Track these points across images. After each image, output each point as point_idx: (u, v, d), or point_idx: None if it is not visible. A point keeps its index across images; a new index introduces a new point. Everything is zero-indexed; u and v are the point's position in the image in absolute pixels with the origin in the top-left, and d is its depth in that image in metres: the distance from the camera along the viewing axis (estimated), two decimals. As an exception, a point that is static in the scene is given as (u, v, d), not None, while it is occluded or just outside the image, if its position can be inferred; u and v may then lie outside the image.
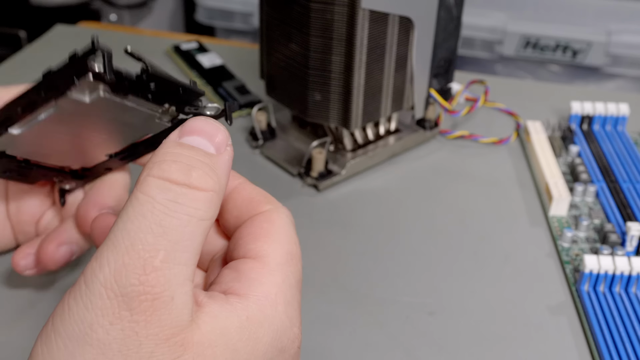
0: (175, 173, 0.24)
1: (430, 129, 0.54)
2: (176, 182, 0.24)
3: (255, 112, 0.52)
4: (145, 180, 0.24)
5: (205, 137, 0.26)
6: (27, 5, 1.13)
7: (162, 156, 0.25)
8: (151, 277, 0.23)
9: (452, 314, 0.39)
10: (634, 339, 0.37)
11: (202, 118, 0.27)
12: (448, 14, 0.48)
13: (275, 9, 0.46)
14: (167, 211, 0.24)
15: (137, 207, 0.24)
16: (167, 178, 0.24)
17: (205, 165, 0.25)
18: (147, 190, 0.24)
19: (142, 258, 0.23)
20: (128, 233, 0.23)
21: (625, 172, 0.50)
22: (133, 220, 0.24)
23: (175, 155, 0.25)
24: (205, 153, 0.26)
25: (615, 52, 1.07)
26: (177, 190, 0.24)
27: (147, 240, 0.23)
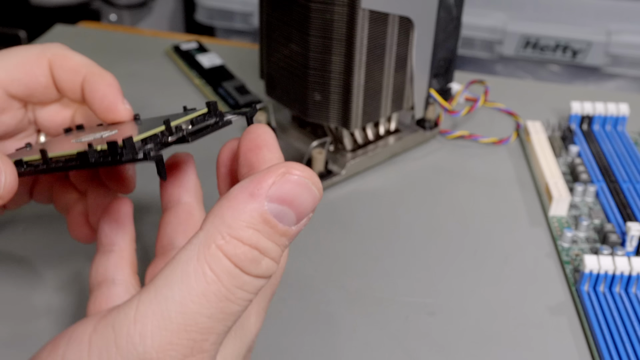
0: (249, 264, 0.22)
1: (430, 129, 0.54)
2: (247, 272, 0.23)
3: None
4: (215, 255, 0.22)
5: (295, 211, 0.23)
6: (27, 5, 1.13)
7: (239, 227, 0.22)
8: (197, 358, 0.22)
9: (452, 314, 0.39)
10: (634, 339, 0.37)
11: (300, 178, 0.23)
12: (448, 14, 0.48)
13: (275, 9, 0.46)
14: (232, 298, 0.22)
15: (201, 285, 0.22)
16: (238, 265, 0.22)
17: (278, 250, 0.23)
18: (218, 269, 0.22)
19: (192, 340, 0.22)
20: (184, 310, 0.22)
21: (625, 172, 0.50)
22: (194, 297, 0.22)
23: (256, 238, 0.22)
24: (284, 233, 0.23)
25: (615, 52, 1.07)
26: (244, 279, 0.22)
27: (204, 326, 0.22)
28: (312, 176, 0.23)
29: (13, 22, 1.11)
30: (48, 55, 0.34)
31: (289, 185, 0.23)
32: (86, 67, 0.34)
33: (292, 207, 0.23)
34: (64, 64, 0.34)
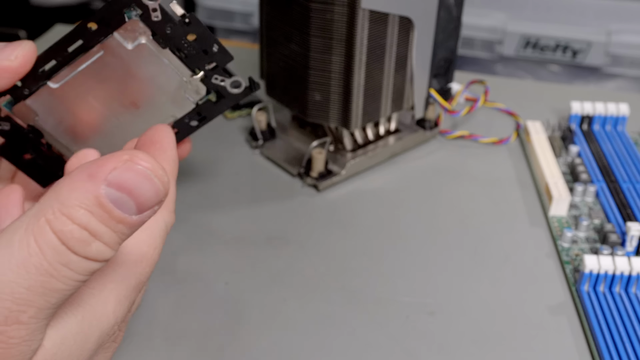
0: (77, 243, 0.22)
1: (430, 129, 0.54)
2: (73, 251, 0.22)
3: (255, 112, 0.52)
4: (42, 229, 0.22)
5: (134, 201, 0.23)
6: (27, 5, 1.13)
7: (70, 207, 0.22)
8: (11, 328, 0.22)
9: (452, 314, 0.39)
10: (634, 339, 0.37)
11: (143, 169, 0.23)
12: (448, 14, 0.48)
13: (275, 9, 0.46)
14: (54, 274, 0.22)
15: (22, 256, 0.22)
16: (65, 243, 0.22)
17: (114, 237, 0.23)
18: (42, 241, 0.22)
19: (7, 309, 0.21)
20: (1, 281, 0.21)
21: (625, 172, 0.50)
22: (14, 268, 0.21)
23: (86, 219, 0.22)
24: (121, 220, 0.23)
25: (615, 52, 1.07)
26: (72, 258, 0.22)
27: (22, 297, 0.21)
28: (157, 169, 0.23)
29: (13, 22, 1.11)
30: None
31: (129, 173, 0.22)
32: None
33: (131, 196, 0.22)
34: None
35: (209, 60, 0.34)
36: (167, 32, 0.32)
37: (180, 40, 0.32)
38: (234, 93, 0.35)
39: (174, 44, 0.33)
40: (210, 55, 0.33)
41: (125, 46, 0.32)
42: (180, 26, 0.32)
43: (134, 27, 0.32)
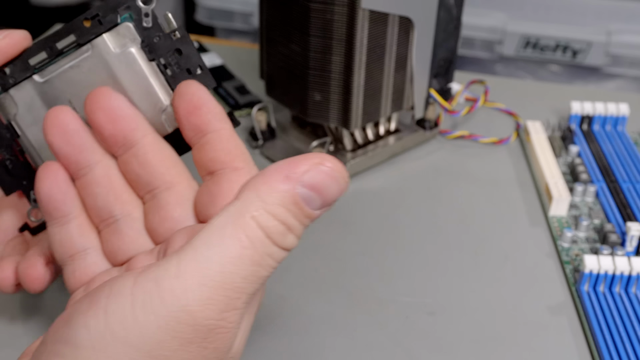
0: (278, 236, 0.25)
1: (430, 129, 0.54)
2: (275, 243, 0.25)
3: (255, 112, 0.52)
4: (249, 224, 0.25)
5: (322, 199, 0.26)
6: (27, 5, 1.13)
7: (272, 203, 0.25)
8: (230, 314, 0.25)
9: (452, 314, 0.39)
10: (634, 339, 0.37)
11: (331, 171, 0.26)
12: (448, 14, 0.48)
13: (275, 9, 0.46)
14: (262, 263, 0.25)
15: (236, 249, 0.25)
16: (269, 237, 0.25)
17: (302, 228, 0.26)
18: (252, 236, 0.25)
19: (228, 297, 0.24)
20: (222, 270, 0.24)
21: (625, 172, 0.50)
22: (231, 259, 0.24)
23: (286, 215, 0.25)
24: (308, 215, 0.26)
25: (615, 52, 1.07)
26: (273, 248, 0.25)
27: (239, 285, 0.25)
28: (342, 170, 0.26)
29: (13, 22, 1.11)
30: None
31: (321, 175, 0.25)
32: None
33: (320, 194, 0.26)
34: None
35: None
36: (155, 42, 0.32)
37: (167, 53, 0.32)
38: None
39: (159, 55, 0.32)
40: (194, 76, 0.32)
41: (113, 50, 0.32)
42: (169, 39, 0.31)
43: (125, 32, 0.32)
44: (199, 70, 0.32)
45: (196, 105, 0.29)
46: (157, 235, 0.29)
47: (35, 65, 0.33)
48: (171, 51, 0.32)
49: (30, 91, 0.33)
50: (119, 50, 0.32)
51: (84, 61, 0.32)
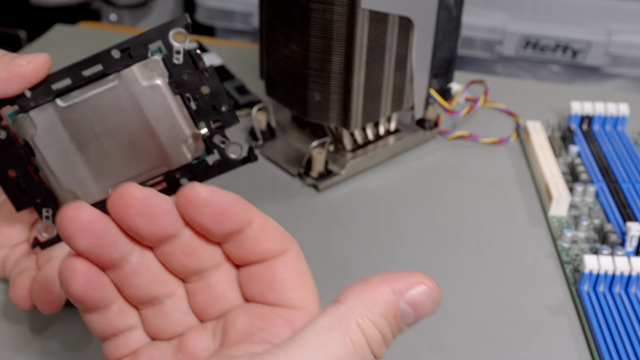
0: (376, 345, 0.26)
1: (430, 129, 0.54)
2: (372, 351, 0.26)
3: (255, 112, 0.52)
4: (355, 330, 0.26)
5: (416, 316, 0.27)
6: (27, 5, 1.13)
7: (377, 313, 0.26)
8: None
9: (452, 314, 0.39)
10: (634, 339, 0.37)
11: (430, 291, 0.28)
12: (448, 14, 0.48)
13: (275, 9, 0.46)
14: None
15: (342, 351, 0.25)
16: (369, 344, 0.26)
17: (392, 340, 0.27)
18: (356, 341, 0.26)
19: None
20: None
21: (625, 172, 0.50)
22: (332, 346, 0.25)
23: (385, 327, 0.27)
24: (400, 329, 0.27)
25: (615, 52, 1.07)
26: (369, 356, 0.26)
27: None
28: (439, 291, 0.28)
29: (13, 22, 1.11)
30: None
31: (422, 295, 0.27)
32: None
33: (416, 311, 0.27)
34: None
35: (215, 117, 0.33)
36: (184, 78, 0.32)
37: (194, 90, 0.33)
38: (231, 158, 0.35)
39: (186, 91, 0.33)
40: (218, 113, 0.33)
41: (140, 82, 0.33)
42: (198, 76, 0.32)
43: (154, 66, 0.32)
44: (224, 107, 0.33)
45: (221, 211, 0.27)
46: (205, 314, 0.29)
47: (57, 90, 0.33)
48: (198, 88, 0.33)
49: (51, 114, 0.33)
50: (146, 82, 0.33)
51: (110, 90, 0.33)
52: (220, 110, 0.33)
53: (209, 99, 0.33)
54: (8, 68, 0.32)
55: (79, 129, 0.34)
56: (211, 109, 0.33)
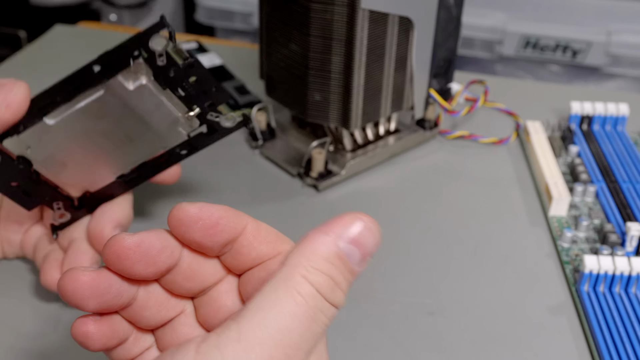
0: (327, 290, 0.26)
1: (430, 129, 0.54)
2: (325, 297, 0.26)
3: (255, 112, 0.52)
4: (300, 282, 0.26)
5: (361, 252, 0.27)
6: (27, 5, 1.13)
7: (318, 262, 0.26)
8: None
9: (452, 314, 0.39)
10: (634, 339, 0.37)
11: (366, 223, 0.28)
12: (448, 14, 0.48)
13: (275, 9, 0.46)
14: (315, 318, 0.26)
15: (291, 306, 0.25)
16: (319, 291, 0.26)
17: (347, 284, 0.27)
18: (303, 292, 0.26)
19: (287, 355, 0.25)
20: (279, 328, 0.25)
21: (625, 172, 0.50)
22: (287, 316, 0.25)
23: (331, 269, 0.26)
24: (351, 271, 0.27)
25: (615, 52, 1.07)
26: (324, 304, 0.26)
27: (296, 342, 0.25)
28: (376, 223, 0.28)
29: (13, 22, 1.11)
30: None
31: (358, 228, 0.27)
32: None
33: (359, 247, 0.27)
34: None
35: (206, 99, 0.34)
36: (170, 76, 0.33)
37: (182, 82, 0.33)
38: (226, 126, 0.35)
39: (175, 85, 0.33)
40: (209, 95, 0.34)
41: (127, 87, 0.33)
42: (184, 69, 0.32)
43: (137, 69, 0.33)
44: (214, 89, 0.33)
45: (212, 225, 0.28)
46: (210, 325, 0.29)
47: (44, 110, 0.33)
48: (186, 79, 0.33)
49: (42, 131, 0.34)
50: (133, 85, 0.33)
51: (97, 99, 0.33)
52: (211, 92, 0.33)
53: (198, 86, 0.33)
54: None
55: (73, 137, 0.34)
56: (201, 93, 0.33)
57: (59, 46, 0.66)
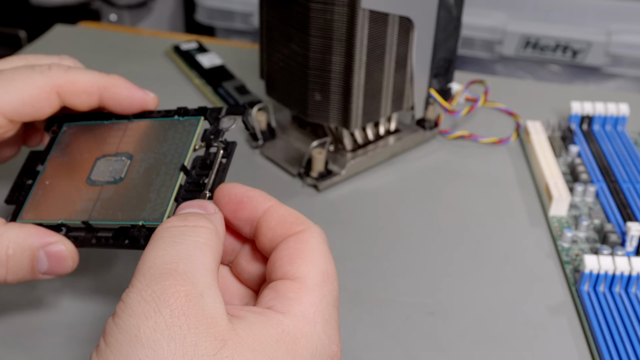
0: (175, 221, 0.29)
1: (430, 129, 0.54)
2: (177, 226, 0.29)
3: (255, 112, 0.52)
4: (155, 232, 0.29)
5: (194, 207, 0.31)
6: (27, 5, 1.13)
7: (165, 221, 0.29)
8: (178, 279, 0.26)
9: (452, 314, 0.39)
10: (634, 339, 0.37)
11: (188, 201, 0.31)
12: (448, 14, 0.48)
13: (275, 9, 0.46)
14: (175, 239, 0.28)
15: (151, 243, 0.28)
16: (170, 225, 0.29)
17: (196, 214, 0.29)
18: (156, 234, 0.28)
19: (166, 268, 0.26)
20: (146, 257, 0.27)
21: (625, 172, 0.50)
22: (150, 249, 0.28)
23: (174, 216, 0.30)
24: (197, 212, 0.30)
25: (615, 52, 1.07)
26: (179, 229, 0.28)
27: (165, 257, 0.27)
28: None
29: (13, 22, 1.11)
30: (55, 86, 0.36)
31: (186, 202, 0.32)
32: (96, 84, 0.36)
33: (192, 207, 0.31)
34: (74, 89, 0.36)
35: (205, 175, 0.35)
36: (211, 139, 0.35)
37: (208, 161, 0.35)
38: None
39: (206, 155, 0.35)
40: (208, 175, 0.34)
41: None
42: (224, 149, 0.35)
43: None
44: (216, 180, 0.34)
45: (238, 201, 0.31)
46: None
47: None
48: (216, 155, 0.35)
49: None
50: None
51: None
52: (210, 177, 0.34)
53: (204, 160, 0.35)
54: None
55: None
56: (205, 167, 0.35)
57: (59, 46, 0.66)
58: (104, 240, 0.34)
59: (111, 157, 0.36)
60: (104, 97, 0.37)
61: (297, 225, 0.30)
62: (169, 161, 0.34)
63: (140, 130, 0.37)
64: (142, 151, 0.36)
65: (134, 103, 0.37)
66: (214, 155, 0.34)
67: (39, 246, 0.33)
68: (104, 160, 0.36)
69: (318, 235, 0.30)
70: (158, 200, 0.33)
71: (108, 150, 0.37)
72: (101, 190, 0.35)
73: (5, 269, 0.33)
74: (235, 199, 0.31)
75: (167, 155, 0.35)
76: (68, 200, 0.35)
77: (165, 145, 0.35)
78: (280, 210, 0.30)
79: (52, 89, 0.36)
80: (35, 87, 0.35)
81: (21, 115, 0.35)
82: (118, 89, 0.37)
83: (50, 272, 0.33)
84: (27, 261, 0.33)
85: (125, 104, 0.37)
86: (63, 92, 0.36)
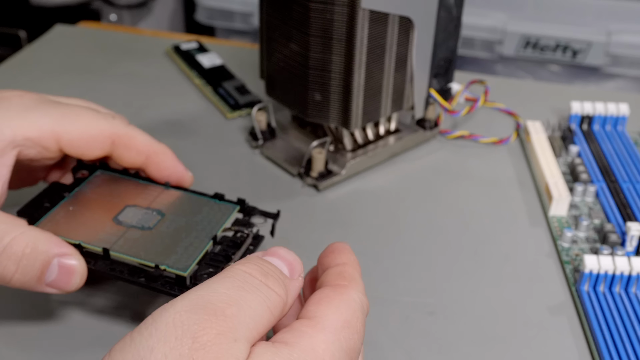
0: (256, 272, 0.28)
1: (430, 129, 0.54)
2: (254, 276, 0.28)
3: (255, 112, 0.52)
4: (231, 268, 0.28)
5: (284, 262, 0.30)
6: (27, 5, 1.13)
7: (246, 261, 0.29)
8: (220, 319, 0.25)
9: (452, 314, 0.39)
10: (634, 339, 0.37)
11: (284, 248, 0.31)
12: (448, 14, 0.48)
13: (275, 9, 0.46)
14: (245, 286, 0.27)
15: (219, 275, 0.28)
16: (248, 271, 0.28)
17: (279, 278, 0.29)
18: (229, 270, 0.28)
19: (216, 306, 0.26)
20: (203, 286, 0.27)
21: (625, 172, 0.50)
22: (212, 281, 0.27)
23: (258, 262, 0.29)
24: (281, 272, 0.29)
25: (615, 52, 1.07)
26: (255, 281, 0.28)
27: (222, 296, 0.26)
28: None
29: (13, 22, 1.11)
30: (113, 134, 0.38)
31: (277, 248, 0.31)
32: (149, 147, 0.39)
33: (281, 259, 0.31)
34: (129, 143, 0.38)
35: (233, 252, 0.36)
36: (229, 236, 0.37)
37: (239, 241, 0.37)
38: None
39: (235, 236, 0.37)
40: (235, 253, 0.36)
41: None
42: (247, 240, 0.37)
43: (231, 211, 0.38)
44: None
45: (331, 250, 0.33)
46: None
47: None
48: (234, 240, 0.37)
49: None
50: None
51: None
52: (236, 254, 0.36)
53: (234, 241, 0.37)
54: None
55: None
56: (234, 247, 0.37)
57: (59, 46, 0.66)
58: (118, 271, 0.34)
59: (142, 208, 0.37)
60: (150, 160, 0.39)
61: (342, 279, 0.31)
62: (201, 229, 0.36)
63: (175, 197, 0.39)
64: (175, 214, 0.37)
65: (173, 175, 0.40)
66: (242, 239, 0.36)
67: (55, 254, 0.33)
68: (134, 208, 0.37)
69: (356, 297, 0.30)
70: (185, 255, 0.34)
71: (140, 203, 0.38)
72: (127, 230, 0.36)
73: (17, 267, 0.32)
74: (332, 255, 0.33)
75: (200, 224, 0.37)
76: (90, 228, 0.36)
77: (199, 216, 0.37)
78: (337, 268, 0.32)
79: (110, 136, 0.38)
80: (98, 129, 0.37)
81: (73, 149, 0.37)
82: (165, 157, 0.39)
83: (55, 285, 0.33)
84: (39, 265, 0.33)
85: (166, 173, 0.40)
86: (118, 143, 0.38)
